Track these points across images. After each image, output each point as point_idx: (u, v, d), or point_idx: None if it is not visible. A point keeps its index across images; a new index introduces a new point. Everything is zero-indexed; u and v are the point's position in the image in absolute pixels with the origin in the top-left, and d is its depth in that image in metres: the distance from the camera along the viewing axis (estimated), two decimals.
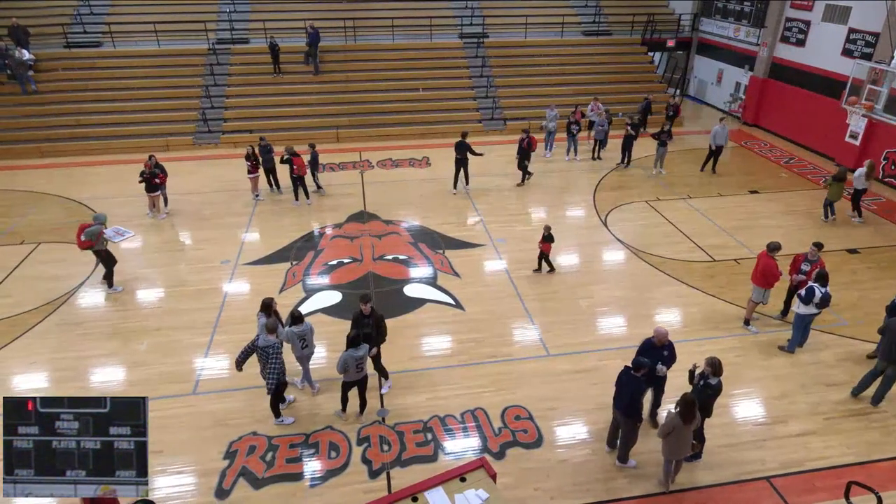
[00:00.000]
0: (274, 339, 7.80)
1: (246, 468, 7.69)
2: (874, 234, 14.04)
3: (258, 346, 7.76)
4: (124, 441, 4.60)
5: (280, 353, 7.87)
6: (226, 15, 23.47)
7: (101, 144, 19.43)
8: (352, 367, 7.86)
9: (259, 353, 7.80)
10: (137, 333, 10.43)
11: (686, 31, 25.79)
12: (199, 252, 13.26)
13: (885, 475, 7.58)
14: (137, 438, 4.62)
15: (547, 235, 11.88)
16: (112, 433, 4.59)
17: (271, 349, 7.74)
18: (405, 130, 21.10)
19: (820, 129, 19.08)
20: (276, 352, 7.80)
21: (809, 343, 9.96)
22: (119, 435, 4.59)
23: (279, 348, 7.86)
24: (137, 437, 4.62)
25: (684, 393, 6.89)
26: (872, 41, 16.98)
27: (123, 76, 21.30)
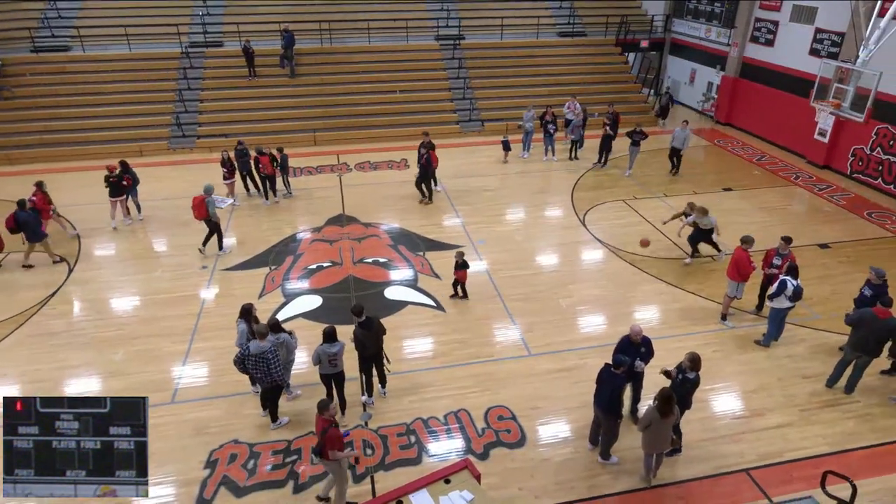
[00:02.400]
0: (268, 345, 7.73)
1: (227, 477, 7.59)
2: (844, 229, 14.40)
3: (251, 354, 7.68)
4: (124, 441, 4.63)
5: (277, 357, 7.80)
6: (199, 18, 23.17)
7: (73, 150, 19.04)
8: (324, 360, 7.93)
9: (253, 361, 7.70)
10: (113, 343, 10.23)
11: (659, 31, 26.19)
12: (176, 258, 13.06)
13: (860, 464, 7.77)
14: (137, 438, 4.64)
15: (461, 263, 11.04)
16: (112, 433, 4.62)
17: (270, 353, 7.67)
18: (383, 133, 21.05)
19: (790, 128, 19.51)
20: (275, 356, 7.74)
21: (784, 337, 10.17)
22: (119, 435, 4.62)
23: (276, 351, 7.79)
24: (137, 437, 4.64)
25: (662, 388, 6.99)
26: (838, 41, 17.43)
27: (94, 80, 20.92)
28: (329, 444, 6.53)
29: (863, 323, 8.53)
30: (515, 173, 18.06)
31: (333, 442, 6.55)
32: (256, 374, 7.87)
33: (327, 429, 6.55)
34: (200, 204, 12.66)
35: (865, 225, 14.66)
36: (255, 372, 7.82)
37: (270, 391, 8.11)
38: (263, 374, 7.79)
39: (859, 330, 8.59)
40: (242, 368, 7.90)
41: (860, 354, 8.67)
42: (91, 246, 13.57)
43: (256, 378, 8.02)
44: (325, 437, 6.51)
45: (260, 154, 15.09)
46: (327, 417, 6.64)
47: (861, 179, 17.11)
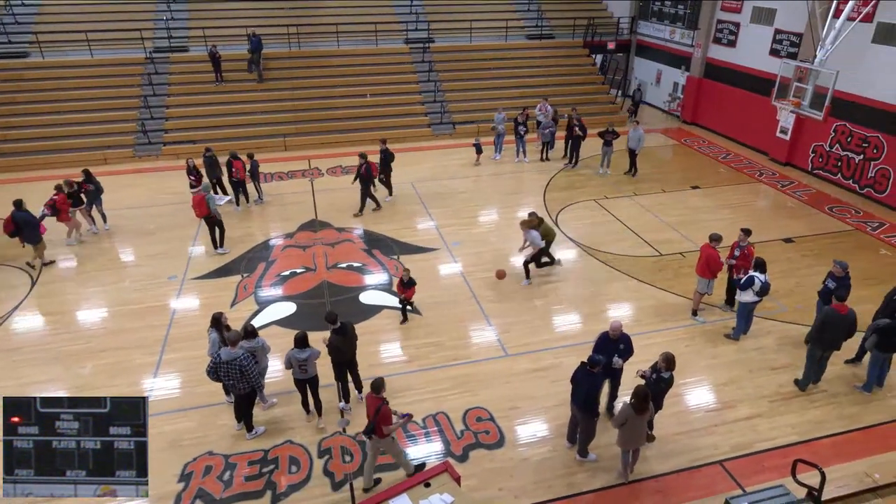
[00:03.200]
0: (240, 352, 7.60)
1: (203, 490, 7.44)
2: (807, 223, 14.83)
3: (223, 361, 7.54)
4: (124, 441, 4.64)
5: (253, 363, 7.67)
6: (163, 22, 22.72)
7: (34, 160, 18.48)
8: (295, 365, 7.91)
9: (225, 368, 7.56)
10: (80, 356, 9.94)
11: (625, 33, 26.62)
12: (144, 268, 12.77)
13: (828, 451, 8.00)
14: (137, 438, 4.65)
15: (407, 280, 10.45)
16: (112, 433, 4.63)
17: (243, 359, 7.55)
18: (354, 137, 20.92)
19: (753, 126, 20.03)
20: (249, 361, 7.61)
21: (753, 330, 10.42)
22: (119, 435, 4.63)
23: (249, 358, 7.65)
24: (137, 437, 4.65)
25: (637, 385, 7.09)
26: (797, 41, 17.97)
27: (55, 87, 20.32)
28: (383, 421, 6.88)
29: (829, 323, 8.67)
30: (488, 175, 18.14)
31: (387, 418, 6.92)
32: (229, 382, 7.74)
33: (381, 406, 6.87)
34: (201, 201, 12.70)
35: (827, 219, 15.13)
36: (228, 379, 7.69)
37: (245, 398, 7.98)
38: (236, 381, 7.66)
39: (827, 330, 8.70)
40: (215, 377, 7.77)
41: (827, 352, 8.88)
42: (55, 257, 13.17)
43: (230, 386, 7.88)
44: (380, 415, 6.82)
45: (234, 158, 14.94)
46: (381, 396, 6.94)
47: (821, 175, 17.65)
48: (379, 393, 6.97)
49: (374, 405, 6.94)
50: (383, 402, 6.92)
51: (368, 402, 7.11)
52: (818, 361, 9.00)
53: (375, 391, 6.98)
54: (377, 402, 6.92)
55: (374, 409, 6.92)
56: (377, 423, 6.87)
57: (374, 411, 6.88)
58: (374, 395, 6.98)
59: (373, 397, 7.00)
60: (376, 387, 6.98)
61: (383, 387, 7.02)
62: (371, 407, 7.00)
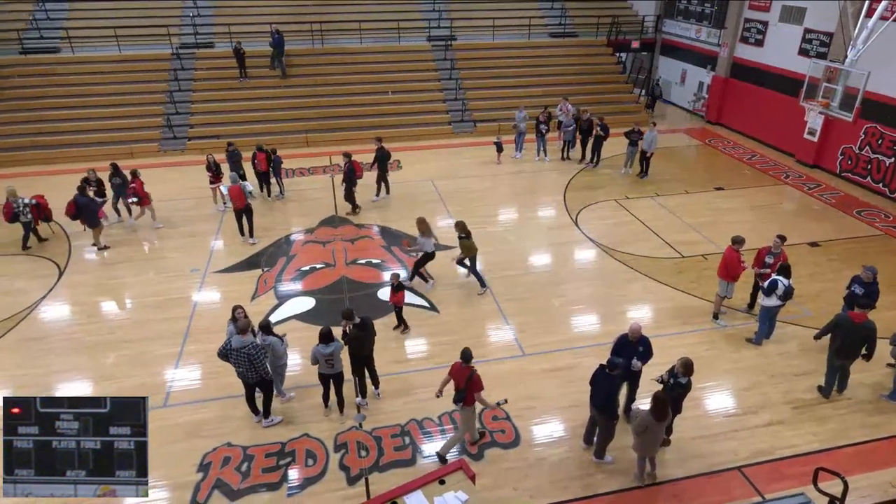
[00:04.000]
0: (249, 340, 7.70)
1: (221, 480, 7.55)
2: (834, 227, 14.51)
3: (233, 348, 7.65)
4: (124, 441, 4.65)
5: (262, 354, 7.78)
6: (189, 19, 23.06)
7: (63, 153, 18.89)
8: (321, 360, 7.97)
9: (235, 355, 7.68)
10: (104, 347, 10.15)
11: (650, 32, 26.29)
12: (167, 261, 12.99)
13: (851, 460, 7.83)
14: (137, 438, 4.66)
15: (397, 285, 10.01)
16: (112, 433, 4.64)
17: (252, 349, 7.65)
18: (375, 134, 20.85)
19: (780, 127, 19.66)
20: (258, 351, 7.71)
21: (776, 335, 10.23)
22: (119, 435, 4.64)
23: (258, 347, 7.75)
24: (137, 437, 4.66)
25: (656, 392, 7.00)
26: (827, 41, 17.58)
27: (84, 82, 20.77)
28: (475, 387, 7.36)
29: (838, 330, 8.49)
30: (508, 174, 18.08)
31: (479, 384, 7.41)
32: (239, 369, 7.85)
33: (472, 374, 7.32)
34: (239, 193, 13.04)
35: (855, 223, 14.78)
36: (238, 367, 7.81)
37: (264, 386, 8.09)
38: (245, 369, 7.78)
39: (837, 336, 8.53)
40: (224, 359, 7.88)
41: (844, 360, 8.68)
42: (82, 249, 13.47)
43: (239, 374, 7.97)
44: (473, 381, 7.31)
45: (259, 150, 15.31)
46: (470, 366, 7.36)
47: (850, 178, 17.26)
48: (468, 362, 7.37)
49: (464, 374, 7.35)
50: (474, 371, 7.35)
51: (457, 372, 7.47)
52: (837, 370, 8.80)
53: (465, 360, 7.39)
54: (467, 371, 7.35)
55: (464, 377, 7.32)
56: (469, 391, 7.31)
57: (466, 379, 7.29)
58: (463, 364, 7.39)
59: (461, 366, 7.41)
60: (465, 357, 7.39)
61: (471, 356, 7.42)
62: (461, 376, 7.38)
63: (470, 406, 7.55)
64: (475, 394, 7.40)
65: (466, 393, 7.35)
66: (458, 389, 7.45)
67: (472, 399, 7.43)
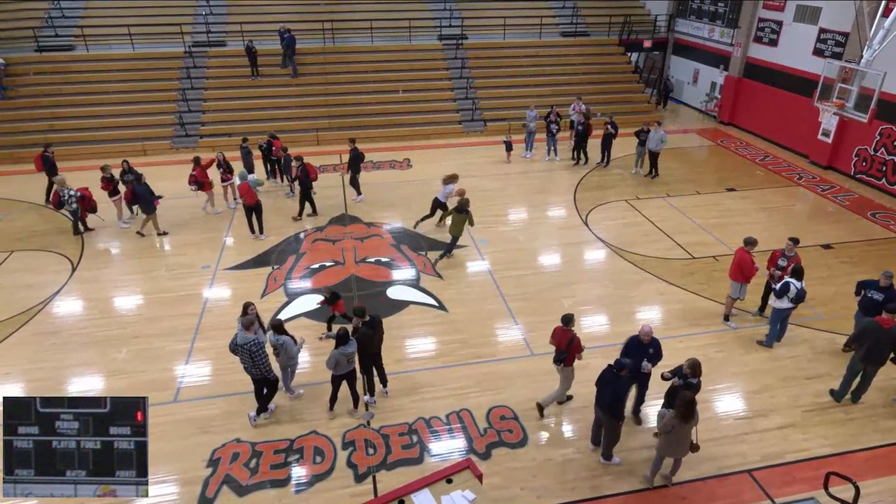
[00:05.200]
0: (252, 337, 7.76)
1: (230, 476, 7.60)
2: (847, 229, 14.35)
3: (238, 343, 7.76)
4: (124, 441, 4.64)
5: (263, 352, 7.86)
6: (202, 17, 23.20)
7: (76, 150, 19.06)
8: (342, 362, 8.02)
9: (239, 351, 7.79)
10: (115, 342, 10.24)
11: (662, 31, 26.12)
12: (178, 258, 13.08)
13: (863, 465, 7.74)
14: (137, 438, 4.66)
15: (329, 297, 9.86)
16: (112, 433, 4.64)
17: (254, 346, 7.72)
18: (385, 132, 21.05)
19: (793, 128, 19.46)
20: (260, 349, 7.79)
21: (787, 337, 10.14)
22: (119, 435, 4.64)
23: (259, 345, 7.82)
24: (137, 437, 4.66)
25: (683, 392, 6.92)
26: (842, 41, 17.38)
27: (98, 80, 20.95)
28: (575, 350, 8.01)
29: (867, 335, 8.38)
30: (518, 173, 18.04)
31: (579, 347, 8.03)
32: (243, 365, 7.96)
33: (573, 337, 7.95)
34: (248, 190, 13.22)
35: (869, 226, 14.61)
36: (243, 362, 7.92)
37: (266, 383, 8.19)
38: (248, 365, 7.90)
39: (865, 342, 8.41)
40: (235, 354, 8.01)
41: (869, 367, 8.56)
42: (95, 245, 13.61)
43: (245, 369, 8.05)
44: (574, 344, 7.95)
45: (273, 137, 15.79)
46: (571, 329, 8.02)
47: (865, 180, 17.05)
48: (568, 325, 8.04)
49: (565, 337, 7.99)
50: (574, 334, 8.00)
51: (559, 335, 8.12)
52: (858, 375, 8.67)
53: (565, 324, 8.05)
54: (569, 334, 7.98)
55: (565, 340, 8.00)
56: (570, 352, 7.99)
57: (567, 342, 7.96)
58: (565, 327, 8.04)
59: (563, 329, 8.06)
60: (566, 321, 8.07)
61: (573, 321, 8.10)
62: (562, 339, 8.05)
63: (569, 367, 8.20)
64: (576, 354, 8.02)
65: (567, 354, 8.03)
66: (559, 351, 8.14)
67: (572, 360, 8.12)
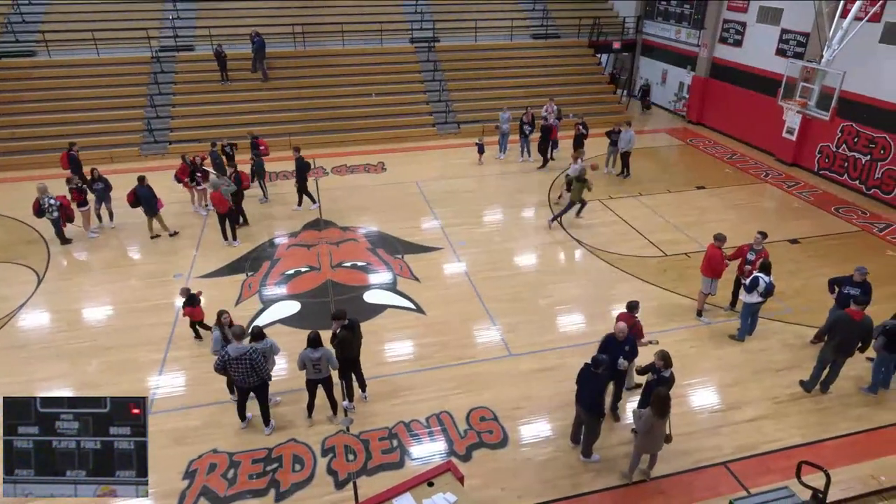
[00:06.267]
0: (247, 346, 7.65)
1: (207, 487, 7.48)
2: (813, 224, 14.76)
3: (232, 358, 7.58)
4: (124, 441, 4.64)
5: (262, 357, 7.79)
6: (169, 21, 22.80)
7: (41, 158, 18.52)
8: (308, 366, 7.91)
9: (235, 364, 7.61)
10: (87, 354, 10.00)
11: (630, 33, 26.53)
12: (149, 267, 12.83)
13: (833, 453, 7.97)
14: (137, 438, 4.65)
15: (188, 298, 9.72)
16: (112, 433, 4.63)
17: (254, 354, 7.62)
18: (359, 136, 20.96)
19: (759, 126, 19.94)
20: (259, 355, 7.70)
21: (758, 331, 10.38)
22: (119, 435, 4.63)
23: (257, 352, 7.73)
24: (137, 437, 4.65)
25: (657, 389, 7.03)
26: (803, 41, 17.87)
27: (61, 86, 20.40)
28: (638, 335, 8.45)
29: (838, 327, 8.60)
30: (493, 175, 18.13)
31: (641, 332, 8.57)
32: (238, 377, 7.78)
33: (636, 322, 8.43)
34: (221, 198, 13.00)
35: (833, 220, 15.05)
36: (237, 374, 7.73)
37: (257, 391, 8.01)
38: (246, 375, 7.72)
39: (836, 335, 8.63)
40: (223, 372, 7.85)
41: (839, 357, 8.78)
42: (61, 255, 13.26)
43: (239, 380, 7.87)
44: (636, 328, 8.37)
45: (255, 138, 15.97)
46: (635, 315, 8.50)
47: (828, 176, 17.56)
48: (633, 312, 8.52)
49: (629, 322, 8.22)
50: (637, 320, 8.51)
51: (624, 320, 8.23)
52: (828, 366, 8.90)
53: (630, 310, 8.52)
54: (632, 320, 8.34)
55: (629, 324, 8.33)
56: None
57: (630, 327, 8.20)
58: (629, 313, 8.49)
59: (628, 315, 8.46)
60: (631, 307, 8.55)
61: (638, 308, 8.60)
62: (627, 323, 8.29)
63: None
64: (638, 341, 8.38)
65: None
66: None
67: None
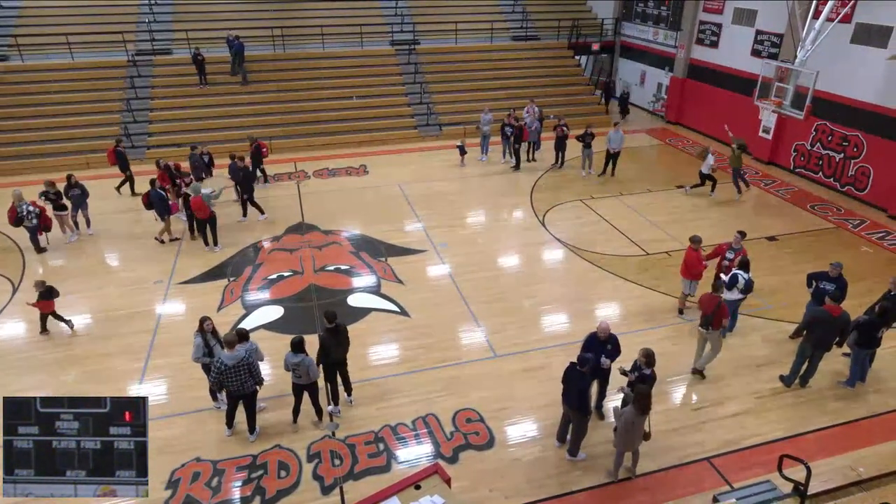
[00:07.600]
0: (242, 352, 7.58)
1: (190, 496, 7.37)
2: (789, 222, 15.03)
3: (229, 367, 7.49)
4: (124, 441, 4.61)
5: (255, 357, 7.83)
6: (145, 25, 22.49)
7: (14, 165, 18.19)
8: (290, 368, 7.90)
9: (233, 373, 7.53)
10: (64, 363, 9.81)
11: (609, 34, 26.79)
12: (128, 273, 12.62)
13: (813, 446, 8.10)
14: (137, 438, 4.62)
15: (43, 292, 10.02)
16: (112, 433, 4.61)
17: (250, 359, 7.61)
18: (340, 139, 20.86)
19: (736, 126, 20.19)
20: (254, 358, 7.73)
21: (739, 328, 10.53)
22: (119, 435, 4.61)
23: (253, 355, 7.74)
24: (137, 437, 4.62)
25: (638, 386, 7.09)
26: (778, 42, 18.21)
27: (35, 91, 20.03)
28: (722, 314, 8.70)
29: (817, 323, 8.75)
30: (475, 176, 18.17)
31: (725, 312, 8.78)
32: (233, 385, 7.67)
33: (720, 303, 8.68)
34: (202, 204, 12.90)
35: (809, 217, 15.34)
36: (234, 383, 7.63)
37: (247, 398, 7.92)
38: (242, 382, 7.65)
39: (816, 330, 8.78)
40: (220, 387, 7.81)
41: (818, 351, 8.94)
42: (37, 263, 13.00)
43: (233, 389, 7.76)
44: (721, 309, 8.65)
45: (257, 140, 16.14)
46: (718, 296, 8.76)
47: (803, 174, 17.90)
48: (717, 292, 8.80)
49: (713, 302, 8.68)
50: (721, 300, 8.71)
51: (707, 301, 8.80)
52: (808, 360, 9.05)
53: (715, 291, 8.82)
54: (716, 300, 8.67)
55: (713, 305, 8.70)
56: (716, 317, 8.67)
57: (714, 307, 8.65)
58: (713, 294, 8.77)
59: (711, 296, 8.78)
60: (716, 287, 8.87)
61: (721, 289, 8.94)
62: (710, 304, 8.75)
63: (717, 329, 8.89)
64: (722, 319, 8.71)
65: (714, 318, 8.70)
66: (705, 315, 8.81)
67: (719, 323, 8.78)
